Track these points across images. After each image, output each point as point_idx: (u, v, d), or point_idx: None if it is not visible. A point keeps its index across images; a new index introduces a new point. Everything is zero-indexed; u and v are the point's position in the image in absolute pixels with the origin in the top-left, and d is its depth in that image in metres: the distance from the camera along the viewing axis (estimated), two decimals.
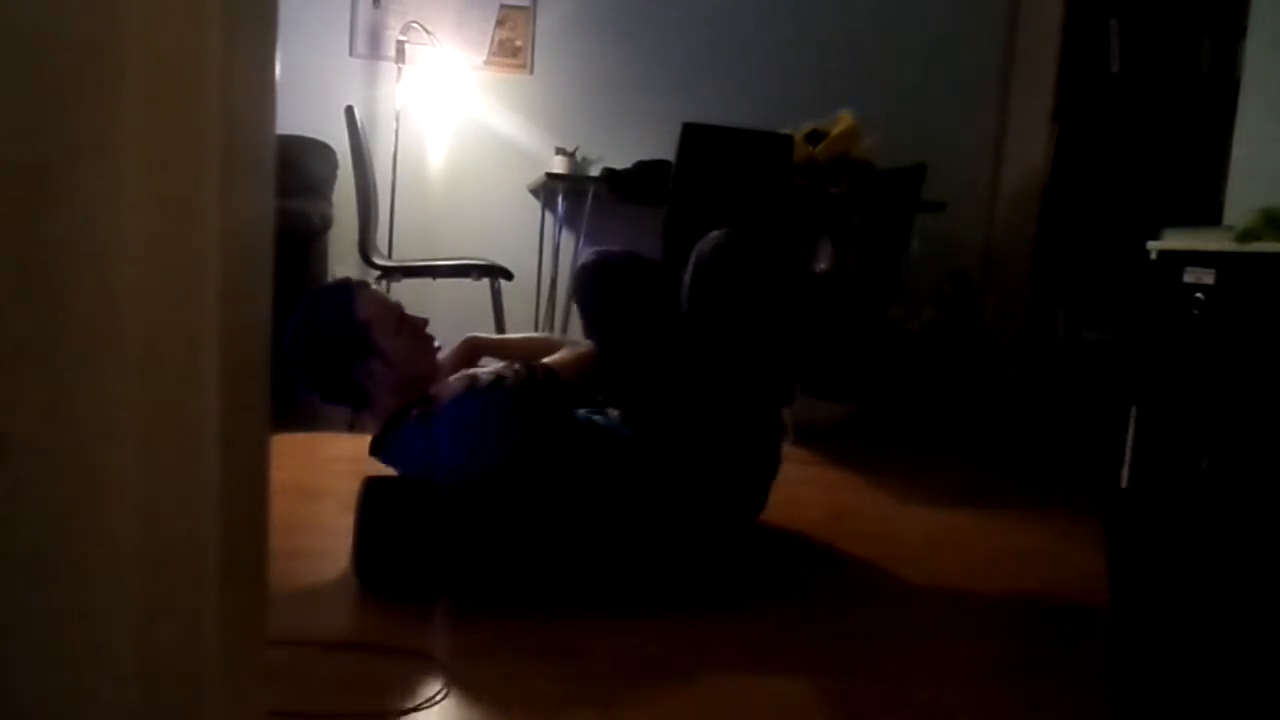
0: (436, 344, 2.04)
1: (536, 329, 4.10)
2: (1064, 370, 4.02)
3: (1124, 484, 2.73)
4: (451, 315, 4.08)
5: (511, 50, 4.18)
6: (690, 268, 2.07)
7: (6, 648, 0.66)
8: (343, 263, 4.02)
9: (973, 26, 4.48)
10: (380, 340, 1.94)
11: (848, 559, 2.21)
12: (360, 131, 3.46)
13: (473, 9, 4.13)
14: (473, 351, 2.10)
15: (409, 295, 3.88)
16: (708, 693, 1.48)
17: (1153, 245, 2.73)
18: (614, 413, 2.18)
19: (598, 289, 2.11)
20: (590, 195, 3.82)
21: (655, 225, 3.35)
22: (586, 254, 2.19)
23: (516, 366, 1.94)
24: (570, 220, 4.07)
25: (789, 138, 3.49)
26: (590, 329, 2.16)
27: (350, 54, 4.08)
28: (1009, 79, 4.49)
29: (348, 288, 1.99)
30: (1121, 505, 2.05)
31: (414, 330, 2.00)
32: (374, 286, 2.05)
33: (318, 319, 1.94)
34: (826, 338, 2.17)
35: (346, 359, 1.93)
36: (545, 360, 2.01)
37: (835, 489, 2.88)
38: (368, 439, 2.03)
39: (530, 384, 1.90)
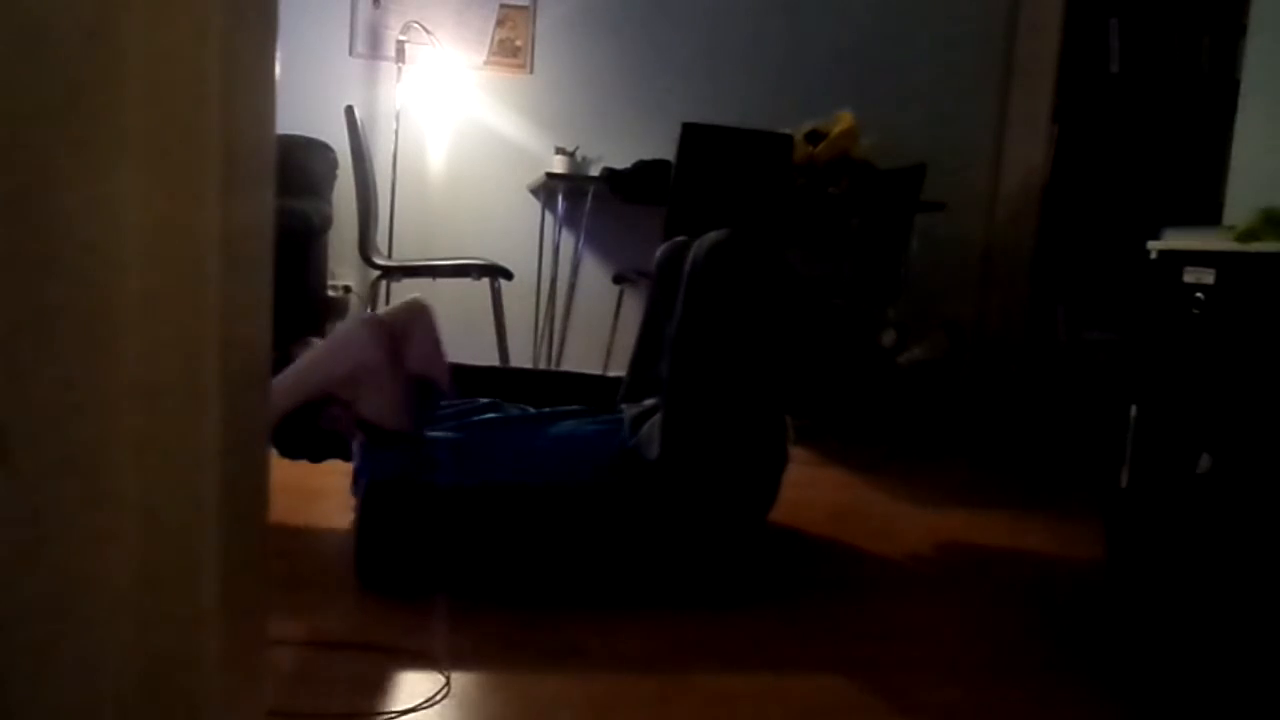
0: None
1: (537, 329, 4.10)
2: (1064, 370, 4.02)
3: (1124, 484, 2.73)
4: (451, 315, 4.09)
5: (511, 50, 4.18)
6: (687, 268, 2.06)
7: (7, 647, 0.66)
8: (343, 262, 4.02)
9: (973, 26, 4.47)
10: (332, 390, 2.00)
11: (848, 558, 2.21)
12: (360, 131, 3.46)
13: (473, 9, 4.13)
14: None
15: (409, 295, 3.88)
16: (708, 692, 1.48)
17: (1153, 245, 2.72)
18: (634, 410, 2.16)
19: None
20: (590, 195, 3.82)
21: (655, 225, 3.35)
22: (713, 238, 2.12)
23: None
24: (570, 220, 4.07)
25: (789, 138, 3.49)
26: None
27: (350, 54, 4.08)
28: (1009, 79, 4.49)
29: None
30: (1121, 505, 2.06)
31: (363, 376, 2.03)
32: (309, 340, 2.10)
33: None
34: (816, 349, 2.15)
35: (309, 415, 2.00)
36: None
37: (835, 489, 2.88)
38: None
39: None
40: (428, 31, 4.01)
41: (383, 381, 1.97)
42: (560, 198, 3.98)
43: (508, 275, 3.60)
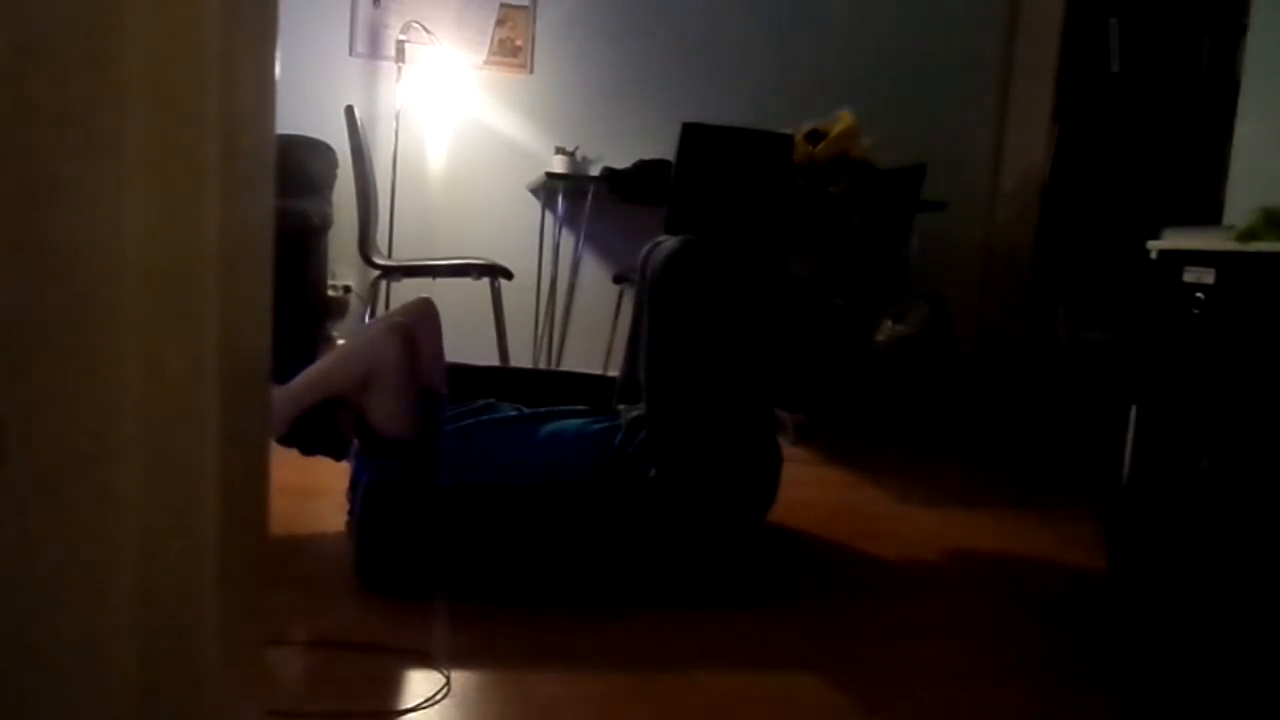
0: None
1: (537, 329, 4.10)
2: (1064, 370, 4.02)
3: (1124, 484, 2.73)
4: (451, 315, 4.08)
5: (511, 50, 4.18)
6: (648, 278, 2.06)
7: (6, 647, 0.66)
8: (343, 262, 4.02)
9: (973, 27, 4.48)
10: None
11: (848, 558, 2.21)
12: (360, 131, 3.46)
13: (473, 9, 4.13)
14: None
15: (409, 295, 3.88)
16: (708, 692, 1.48)
17: (1153, 245, 2.72)
18: (632, 411, 2.16)
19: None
20: (590, 195, 3.82)
21: (655, 225, 3.35)
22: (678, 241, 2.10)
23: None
24: (570, 220, 4.07)
25: (789, 138, 3.49)
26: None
27: (350, 54, 4.08)
28: (1009, 79, 4.49)
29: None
30: (1121, 505, 2.06)
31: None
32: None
33: None
34: (809, 346, 2.15)
35: (315, 415, 2.01)
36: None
37: (835, 489, 2.88)
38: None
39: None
40: (428, 31, 4.01)
41: (393, 387, 1.97)
42: (560, 198, 3.99)
43: (508, 275, 3.60)
